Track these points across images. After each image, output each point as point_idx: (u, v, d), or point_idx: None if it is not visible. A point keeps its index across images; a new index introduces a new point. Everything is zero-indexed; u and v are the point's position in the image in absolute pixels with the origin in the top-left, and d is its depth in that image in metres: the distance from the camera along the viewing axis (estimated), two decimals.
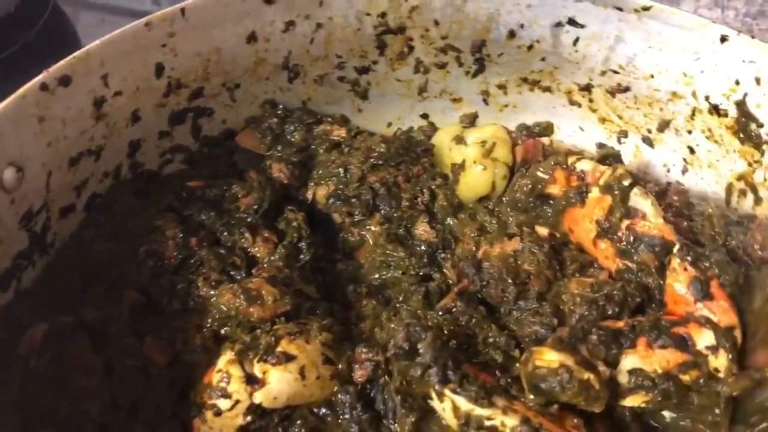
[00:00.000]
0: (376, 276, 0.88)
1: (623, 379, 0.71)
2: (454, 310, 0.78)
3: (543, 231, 0.88)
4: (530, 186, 0.89)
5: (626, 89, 1.01)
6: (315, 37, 0.98)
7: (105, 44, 0.79)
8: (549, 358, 0.69)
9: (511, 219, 0.90)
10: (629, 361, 0.71)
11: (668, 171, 1.04)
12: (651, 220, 0.81)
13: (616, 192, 0.83)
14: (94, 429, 0.68)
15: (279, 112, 1.01)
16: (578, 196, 0.86)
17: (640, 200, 0.82)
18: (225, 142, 1.00)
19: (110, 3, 1.61)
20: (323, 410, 0.72)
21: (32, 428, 0.66)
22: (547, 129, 1.07)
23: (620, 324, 0.75)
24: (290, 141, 1.00)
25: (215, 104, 0.97)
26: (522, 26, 1.00)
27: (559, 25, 0.98)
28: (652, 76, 0.97)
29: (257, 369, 0.70)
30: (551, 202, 0.89)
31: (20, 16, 1.47)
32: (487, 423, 0.67)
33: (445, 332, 0.75)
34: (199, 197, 0.89)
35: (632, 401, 0.72)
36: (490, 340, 0.76)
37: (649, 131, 1.04)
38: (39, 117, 0.75)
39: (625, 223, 0.82)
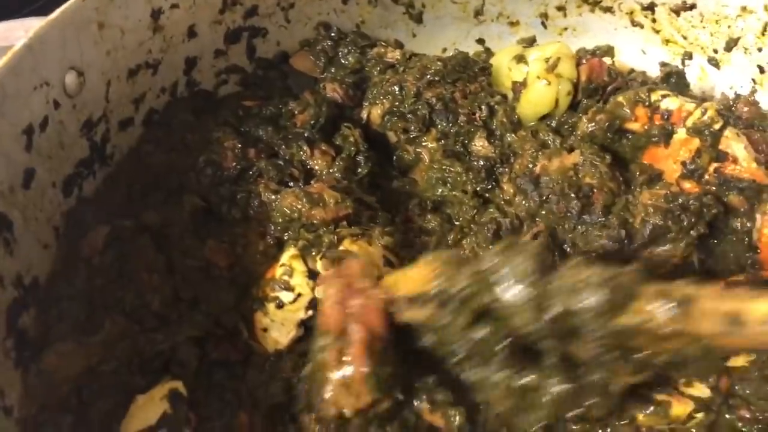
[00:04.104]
0: (432, 193, 0.86)
1: None
2: None
3: None
4: (608, 122, 0.85)
5: (692, 6, 0.97)
6: None
7: None
8: None
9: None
10: None
11: (735, 93, 1.00)
12: (743, 164, 0.78)
13: (706, 135, 0.79)
14: (156, 319, 0.69)
15: (333, 35, 1.00)
16: (662, 135, 0.82)
17: (732, 143, 0.79)
18: (279, 65, 0.99)
19: None
20: None
21: (97, 316, 0.68)
22: (608, 52, 1.03)
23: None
24: (344, 64, 0.99)
25: (270, 24, 0.96)
26: None
27: None
28: None
29: (319, 265, 0.70)
30: (629, 137, 0.84)
31: None
32: None
33: None
34: (255, 114, 0.89)
35: None
36: None
37: (716, 51, 0.99)
38: (99, 23, 0.75)
39: (714, 165, 0.79)
